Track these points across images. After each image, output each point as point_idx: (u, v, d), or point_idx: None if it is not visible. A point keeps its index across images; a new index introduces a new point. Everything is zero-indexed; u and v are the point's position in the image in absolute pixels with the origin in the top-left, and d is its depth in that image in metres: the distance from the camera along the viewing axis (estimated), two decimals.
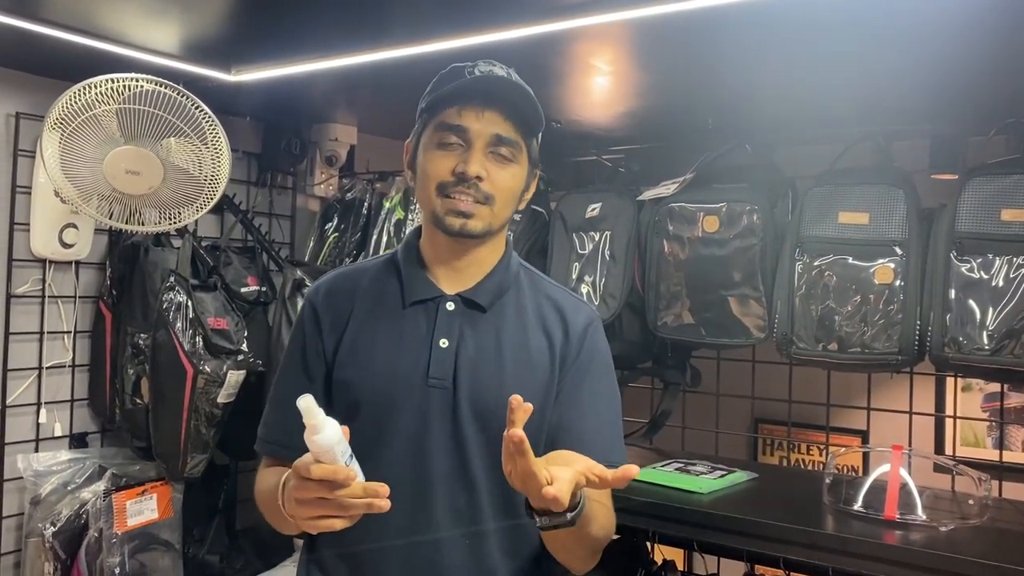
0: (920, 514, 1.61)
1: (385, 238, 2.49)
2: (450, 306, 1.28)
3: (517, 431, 0.98)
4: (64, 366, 2.35)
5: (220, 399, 2.17)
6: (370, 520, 1.19)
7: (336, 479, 1.01)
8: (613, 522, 1.28)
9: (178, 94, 2.00)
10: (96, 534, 2.16)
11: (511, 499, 1.25)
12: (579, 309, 1.34)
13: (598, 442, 1.25)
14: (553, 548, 1.21)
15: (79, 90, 1.93)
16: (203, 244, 2.41)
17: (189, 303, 2.16)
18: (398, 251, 1.36)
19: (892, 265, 1.81)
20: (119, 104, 1.96)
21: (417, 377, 1.24)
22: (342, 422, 1.23)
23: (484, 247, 1.29)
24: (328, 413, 1.24)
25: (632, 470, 1.00)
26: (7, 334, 2.21)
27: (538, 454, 1.20)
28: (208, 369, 2.14)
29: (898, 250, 1.81)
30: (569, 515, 1.05)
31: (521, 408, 0.99)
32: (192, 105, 2.02)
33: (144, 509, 2.24)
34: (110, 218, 2.08)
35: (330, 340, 1.29)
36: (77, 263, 2.34)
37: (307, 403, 1.01)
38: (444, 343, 1.25)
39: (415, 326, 1.27)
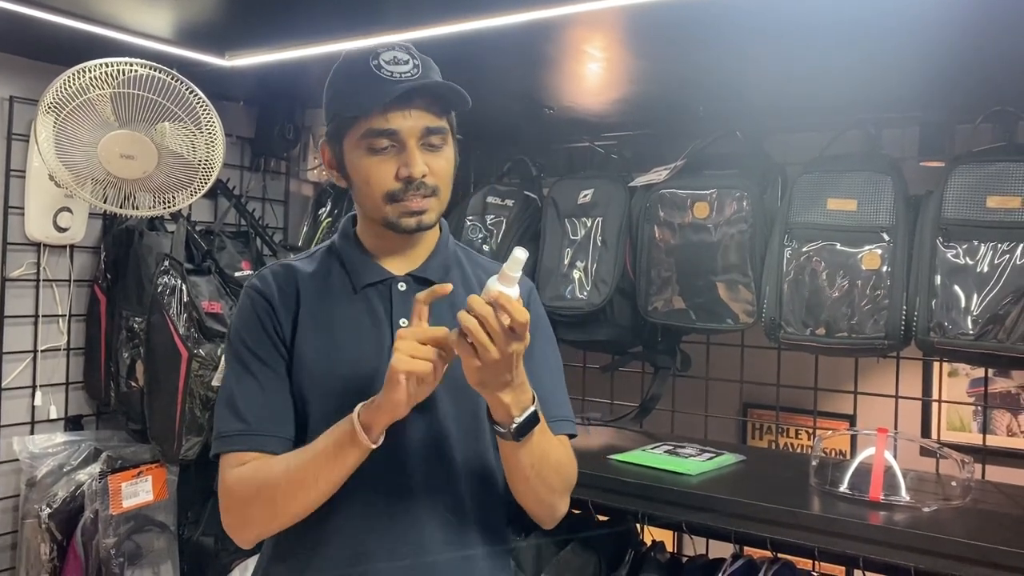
0: (904, 495, 1.64)
1: None
2: (402, 286, 1.29)
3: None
4: (59, 349, 2.36)
5: (214, 382, 2.18)
6: (348, 499, 1.22)
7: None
8: (574, 468, 1.33)
9: (172, 79, 2.01)
10: (92, 515, 2.18)
11: (486, 469, 1.30)
12: None
13: (554, 403, 1.31)
14: (516, 480, 1.24)
15: (73, 74, 1.94)
16: (197, 228, 2.42)
17: (183, 287, 2.17)
18: (335, 242, 1.35)
19: (879, 251, 1.83)
20: (113, 88, 1.97)
21: (382, 359, 1.23)
22: (310, 410, 1.26)
23: (429, 231, 1.31)
24: (295, 401, 1.27)
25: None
26: (2, 317, 2.22)
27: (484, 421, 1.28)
28: (202, 352, 2.15)
29: (885, 236, 1.83)
30: (516, 423, 1.15)
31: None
32: (186, 90, 2.03)
33: (139, 491, 2.26)
34: (104, 202, 2.08)
35: (287, 329, 1.28)
36: (72, 247, 2.35)
37: (525, 256, 1.08)
38: (404, 323, 1.26)
39: (371, 309, 1.28)
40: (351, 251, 1.33)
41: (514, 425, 1.15)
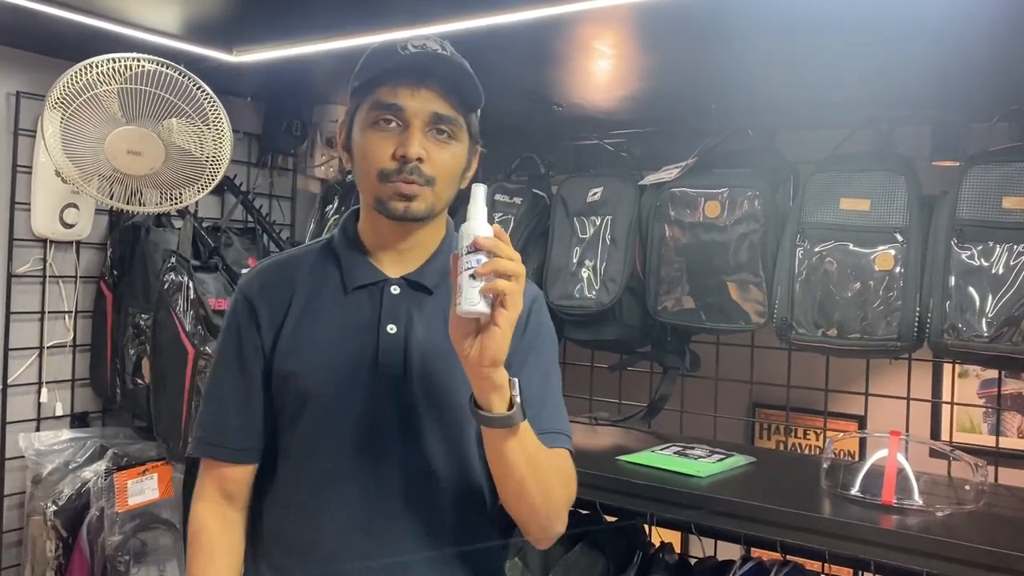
0: (917, 499, 1.62)
1: None
2: (395, 290, 1.24)
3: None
4: (65, 346, 2.35)
5: None
6: (326, 511, 1.21)
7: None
8: (573, 483, 1.25)
9: (180, 74, 1.99)
10: (97, 513, 2.18)
11: (467, 484, 1.25)
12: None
13: (545, 416, 1.23)
14: (509, 481, 1.15)
15: (80, 69, 1.92)
16: (204, 225, 2.41)
17: (190, 284, 2.16)
18: (334, 236, 1.31)
19: (892, 252, 1.81)
20: (120, 84, 1.95)
21: (366, 365, 1.21)
22: (291, 414, 1.24)
23: (427, 229, 1.25)
24: (267, 405, 1.26)
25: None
26: (8, 314, 2.21)
27: (479, 434, 1.21)
28: (208, 350, 2.14)
29: (899, 237, 1.81)
30: (517, 400, 1.08)
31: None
32: (193, 86, 2.01)
33: (145, 489, 2.25)
34: (111, 198, 2.07)
35: (268, 334, 1.25)
36: (78, 243, 2.34)
37: (483, 189, 1.09)
38: (392, 329, 1.22)
39: (359, 312, 1.24)
40: (348, 248, 1.28)
41: (518, 399, 1.09)
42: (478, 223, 1.06)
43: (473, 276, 1.03)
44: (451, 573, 1.24)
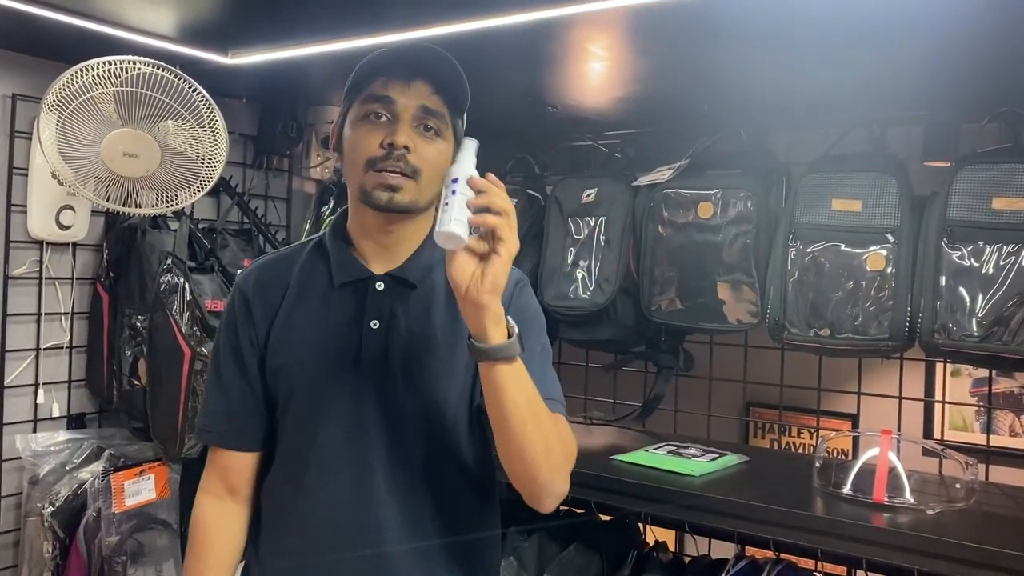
0: (908, 497, 1.63)
1: None
2: (379, 286, 1.27)
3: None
4: (62, 347, 2.36)
5: None
6: (313, 501, 1.25)
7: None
8: (574, 443, 1.23)
9: (175, 77, 2.00)
10: (94, 514, 2.18)
11: (455, 473, 1.28)
12: None
13: (541, 387, 1.20)
14: (509, 428, 1.13)
15: (76, 72, 1.93)
16: (200, 226, 2.41)
17: (186, 285, 2.17)
18: (326, 234, 1.34)
19: (884, 252, 1.83)
20: (116, 87, 1.96)
21: (349, 360, 1.25)
22: (283, 406, 1.29)
23: (412, 224, 1.28)
24: (266, 397, 1.31)
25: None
26: (5, 315, 2.22)
27: (466, 424, 1.27)
28: (205, 351, 2.15)
29: (890, 237, 1.83)
30: (515, 329, 1.10)
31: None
32: (189, 88, 2.02)
33: (142, 489, 2.26)
34: (107, 200, 2.08)
35: (262, 328, 1.30)
36: (74, 245, 2.35)
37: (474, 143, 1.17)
38: (375, 324, 1.25)
39: (344, 309, 1.27)
40: (337, 245, 1.31)
41: (515, 329, 1.10)
42: (467, 165, 1.13)
43: (448, 204, 1.09)
44: (439, 563, 1.26)
